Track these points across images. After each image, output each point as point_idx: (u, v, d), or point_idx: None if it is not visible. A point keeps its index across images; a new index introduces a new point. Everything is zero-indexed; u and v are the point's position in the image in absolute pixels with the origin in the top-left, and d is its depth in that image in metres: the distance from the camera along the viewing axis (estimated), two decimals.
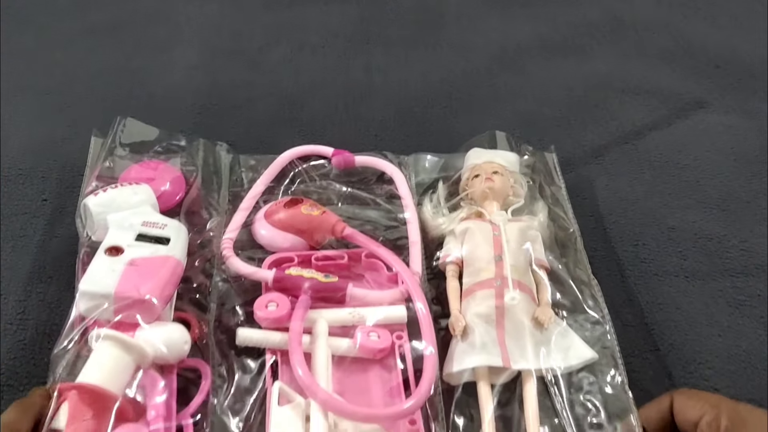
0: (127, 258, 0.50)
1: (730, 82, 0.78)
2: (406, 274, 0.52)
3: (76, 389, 0.43)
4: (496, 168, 0.59)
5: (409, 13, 0.88)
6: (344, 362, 0.50)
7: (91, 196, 0.55)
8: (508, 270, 0.52)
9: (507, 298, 0.50)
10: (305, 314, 0.50)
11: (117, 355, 0.45)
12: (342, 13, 0.88)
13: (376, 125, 0.71)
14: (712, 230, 0.62)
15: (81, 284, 0.48)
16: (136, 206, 0.54)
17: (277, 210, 0.57)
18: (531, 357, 0.48)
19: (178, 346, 0.48)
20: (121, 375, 0.45)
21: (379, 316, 0.51)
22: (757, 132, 0.72)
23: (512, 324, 0.50)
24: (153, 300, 0.47)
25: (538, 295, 0.53)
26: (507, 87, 0.78)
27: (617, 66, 0.81)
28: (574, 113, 0.74)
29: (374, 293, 0.52)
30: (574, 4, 0.90)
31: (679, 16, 0.89)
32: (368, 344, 0.50)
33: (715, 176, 0.67)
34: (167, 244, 0.52)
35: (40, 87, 0.75)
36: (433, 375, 0.47)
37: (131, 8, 0.88)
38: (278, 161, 0.64)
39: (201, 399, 0.47)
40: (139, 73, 0.78)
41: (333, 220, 0.57)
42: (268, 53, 0.81)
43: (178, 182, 0.60)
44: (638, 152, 0.70)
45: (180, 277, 0.51)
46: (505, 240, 0.54)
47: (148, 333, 0.47)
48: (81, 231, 0.55)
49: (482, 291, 0.52)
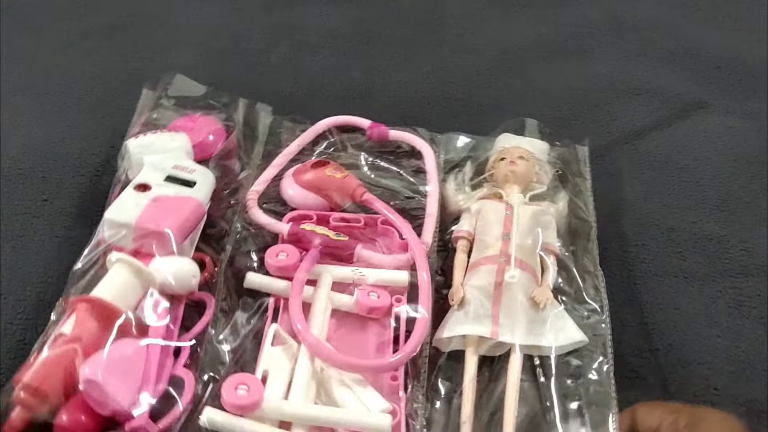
0: (152, 194, 0.55)
1: (731, 83, 0.78)
2: (414, 241, 0.55)
3: (86, 302, 0.49)
4: (522, 153, 0.61)
5: (410, 13, 0.88)
6: (344, 316, 0.54)
7: (132, 138, 0.61)
8: (512, 248, 0.54)
9: (507, 275, 0.52)
10: (312, 267, 0.54)
11: (127, 277, 0.50)
12: (342, 14, 0.88)
13: None
14: (711, 231, 0.62)
15: (107, 212, 0.54)
16: (172, 151, 0.60)
17: (305, 170, 0.61)
18: (521, 333, 0.50)
19: (186, 278, 0.52)
20: (128, 295, 0.50)
21: (380, 276, 0.54)
22: (757, 133, 0.72)
23: (509, 300, 0.51)
24: (169, 234, 0.52)
25: (542, 277, 0.54)
26: (508, 88, 0.78)
27: (618, 67, 0.81)
28: (574, 114, 0.74)
29: (380, 256, 0.55)
30: (574, 5, 0.90)
31: (680, 17, 0.89)
32: (366, 302, 0.52)
33: (715, 177, 0.67)
34: (192, 187, 0.57)
35: (39, 88, 0.75)
36: (421, 336, 0.49)
37: (130, 10, 0.88)
38: (315, 127, 0.67)
39: (200, 328, 0.52)
40: (138, 74, 0.78)
41: (354, 184, 0.60)
42: (267, 55, 0.81)
43: (218, 134, 0.64)
44: (638, 153, 0.70)
45: (200, 218, 0.56)
46: (515, 220, 0.56)
47: (160, 263, 0.52)
48: (120, 170, 0.60)
49: (485, 266, 0.54)
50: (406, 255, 0.55)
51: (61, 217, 0.61)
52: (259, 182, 0.61)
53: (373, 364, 0.50)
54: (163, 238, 0.52)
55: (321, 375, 0.49)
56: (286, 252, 0.55)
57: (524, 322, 0.51)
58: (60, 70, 0.78)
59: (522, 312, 0.51)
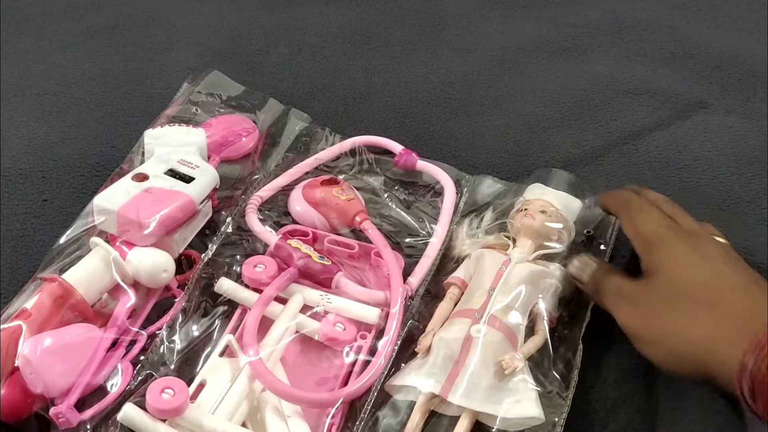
0: (146, 185, 0.55)
1: (731, 83, 0.78)
2: (395, 279, 0.53)
3: (51, 281, 0.50)
4: (544, 207, 0.56)
5: (409, 14, 0.88)
6: (308, 341, 0.52)
7: (151, 128, 0.62)
8: (491, 304, 0.51)
9: (473, 330, 0.49)
10: (285, 285, 0.53)
11: (99, 264, 0.51)
12: (342, 14, 0.88)
13: (376, 127, 0.71)
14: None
15: (96, 196, 0.54)
16: (184, 146, 0.60)
17: (314, 185, 0.60)
18: (477, 398, 0.47)
19: (157, 272, 0.52)
20: (97, 282, 0.51)
21: (349, 308, 0.52)
22: (757, 133, 0.72)
23: (474, 359, 0.48)
24: (149, 225, 0.52)
25: (524, 344, 0.50)
26: (507, 88, 0.78)
27: (618, 67, 0.81)
28: (574, 114, 0.74)
29: (358, 289, 0.53)
30: (574, 5, 0.90)
31: (680, 17, 0.88)
32: (329, 331, 0.51)
33: (716, 177, 0.67)
34: (188, 183, 0.56)
35: (39, 88, 0.75)
36: (368, 378, 0.48)
37: (129, 10, 0.88)
38: (343, 144, 0.66)
39: (162, 323, 0.52)
40: (138, 74, 0.78)
41: (354, 210, 0.58)
42: (267, 55, 0.81)
43: (251, 137, 0.65)
44: (638, 153, 0.70)
45: (189, 215, 0.55)
46: (505, 276, 0.52)
47: (135, 253, 0.52)
48: (135, 158, 0.62)
49: (461, 319, 0.51)
50: (385, 292, 0.53)
51: (61, 217, 0.61)
52: (266, 188, 0.61)
53: (308, 397, 0.47)
54: (142, 229, 0.52)
55: (260, 396, 0.47)
56: (265, 265, 0.54)
57: (484, 386, 0.47)
58: (60, 70, 0.78)
59: (485, 375, 0.47)
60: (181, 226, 0.55)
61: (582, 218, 0.59)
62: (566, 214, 0.57)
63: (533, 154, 0.69)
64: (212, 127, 0.64)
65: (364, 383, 0.47)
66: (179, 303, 0.53)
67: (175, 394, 0.45)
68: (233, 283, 0.54)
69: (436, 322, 0.52)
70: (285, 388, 0.47)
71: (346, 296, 0.53)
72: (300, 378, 0.50)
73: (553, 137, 0.71)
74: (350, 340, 0.51)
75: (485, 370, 0.48)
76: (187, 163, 0.58)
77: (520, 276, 0.52)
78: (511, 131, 0.72)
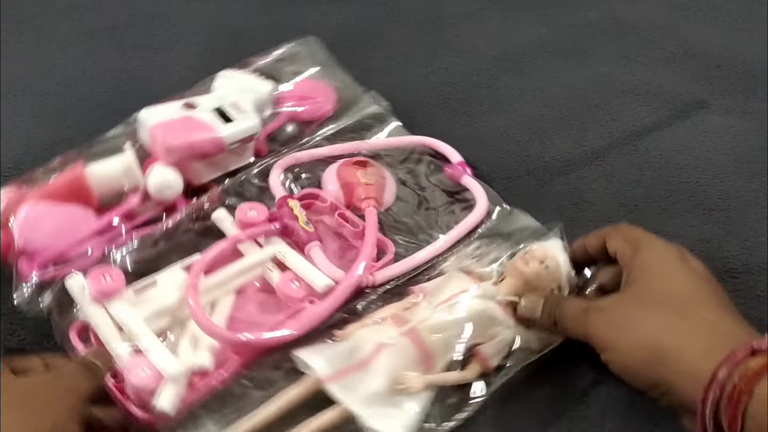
0: (189, 114, 0.61)
1: (731, 83, 0.78)
2: (356, 266, 0.53)
3: (76, 166, 0.58)
4: (547, 261, 0.52)
5: (409, 13, 0.88)
6: (270, 290, 0.54)
7: (229, 69, 0.68)
8: (421, 320, 0.49)
9: (387, 337, 0.48)
10: (260, 234, 0.56)
11: (117, 166, 0.58)
12: (341, 14, 0.88)
13: None
14: (712, 231, 0.62)
15: (143, 110, 0.61)
16: (244, 92, 0.65)
17: (347, 164, 0.63)
18: (356, 397, 0.46)
19: (162, 187, 0.58)
20: (109, 181, 0.58)
21: (303, 269, 0.54)
22: (757, 132, 0.72)
23: (377, 364, 0.47)
24: (171, 147, 0.59)
25: (443, 371, 0.48)
26: (507, 88, 0.78)
27: (618, 67, 0.81)
28: (574, 114, 0.74)
29: (323, 261, 0.54)
30: (574, 5, 0.90)
31: (680, 17, 0.89)
32: (283, 286, 0.53)
33: (716, 177, 0.67)
34: (225, 123, 0.61)
35: (39, 88, 0.75)
36: (277, 339, 0.49)
37: (129, 10, 0.88)
38: (403, 139, 0.68)
39: (150, 230, 0.57)
40: (138, 74, 0.78)
41: (366, 194, 0.60)
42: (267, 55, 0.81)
43: (327, 105, 0.70)
44: (638, 153, 0.70)
45: (215, 151, 0.60)
46: (455, 301, 0.50)
47: (153, 168, 0.58)
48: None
49: (392, 324, 0.49)
50: (343, 273, 0.53)
51: None
52: (305, 152, 0.65)
53: (211, 327, 0.48)
54: (165, 148, 0.59)
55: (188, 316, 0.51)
56: (257, 211, 0.57)
57: (370, 390, 0.46)
58: (60, 70, 0.78)
59: (377, 381, 0.47)
60: (206, 158, 0.60)
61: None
62: (564, 280, 0.52)
63: (533, 154, 0.69)
64: (296, 87, 0.70)
65: (269, 339, 0.49)
66: (173, 217, 0.58)
67: (112, 281, 0.50)
68: (228, 217, 0.58)
69: (370, 320, 0.51)
70: (197, 311, 0.49)
71: (311, 264, 0.54)
72: (245, 314, 0.53)
73: (553, 137, 0.71)
74: (298, 299, 0.52)
75: (381, 377, 0.47)
76: (236, 107, 0.62)
77: (471, 309, 0.49)
78: (511, 131, 0.72)
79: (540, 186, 0.66)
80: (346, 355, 0.48)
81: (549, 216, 0.59)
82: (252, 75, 0.68)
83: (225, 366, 0.49)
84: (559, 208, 0.64)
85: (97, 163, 0.59)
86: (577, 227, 0.61)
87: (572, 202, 0.64)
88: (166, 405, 0.46)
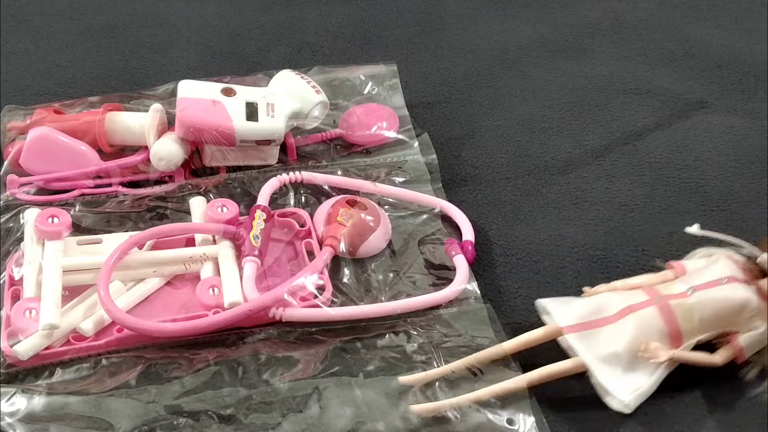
0: (219, 98, 0.63)
1: (731, 83, 0.78)
2: (264, 295, 0.52)
3: (106, 109, 0.64)
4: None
5: (410, 13, 0.88)
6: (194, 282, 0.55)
7: (291, 71, 0.67)
8: (678, 296, 0.49)
9: (637, 300, 0.50)
10: (207, 231, 0.57)
11: (134, 122, 0.63)
12: (341, 14, 0.88)
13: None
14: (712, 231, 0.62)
15: (183, 81, 0.64)
16: (288, 97, 0.65)
17: (342, 202, 0.60)
18: (593, 353, 0.48)
19: (156, 156, 0.61)
20: (122, 132, 0.63)
21: (224, 278, 0.54)
22: (758, 132, 0.72)
23: (626, 325, 0.48)
24: (182, 120, 0.61)
25: (689, 351, 0.48)
26: (507, 88, 0.78)
27: (618, 67, 0.81)
28: (574, 114, 0.74)
29: (247, 280, 0.54)
30: (574, 5, 0.90)
31: (680, 17, 0.88)
32: (200, 291, 0.53)
33: (716, 177, 0.67)
34: (247, 119, 0.62)
35: (39, 88, 0.75)
36: (151, 329, 0.51)
37: (129, 10, 0.88)
38: (421, 197, 0.63)
39: (143, 191, 0.62)
40: (138, 74, 0.78)
41: (330, 233, 0.58)
42: (267, 55, 0.81)
43: (389, 130, 0.69)
44: (638, 153, 0.70)
45: (224, 140, 0.62)
46: (717, 287, 0.49)
47: (162, 137, 0.62)
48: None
49: (644, 292, 0.50)
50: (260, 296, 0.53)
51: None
52: (317, 175, 0.63)
53: (106, 303, 0.50)
54: (178, 122, 0.61)
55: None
56: (227, 208, 0.58)
57: (610, 349, 0.48)
58: (60, 70, 0.78)
59: (621, 342, 0.48)
60: (217, 144, 0.62)
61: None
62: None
63: (533, 154, 0.69)
64: (359, 109, 0.70)
65: (143, 327, 0.50)
66: (167, 186, 0.62)
67: (57, 224, 0.54)
68: (202, 206, 0.59)
69: (621, 284, 0.52)
70: (101, 278, 0.51)
71: (240, 276, 0.55)
72: (161, 301, 0.54)
73: (553, 137, 0.71)
74: (207, 306, 0.53)
75: (623, 339, 0.47)
76: (270, 107, 0.63)
77: (732, 296, 0.48)
78: (511, 131, 0.72)
79: (540, 186, 0.66)
80: (590, 311, 0.49)
81: (549, 216, 0.59)
82: (308, 84, 0.66)
83: (103, 338, 0.51)
84: (559, 208, 0.64)
85: (121, 113, 0.64)
86: (577, 227, 0.61)
87: (572, 202, 0.64)
88: (21, 350, 0.49)
